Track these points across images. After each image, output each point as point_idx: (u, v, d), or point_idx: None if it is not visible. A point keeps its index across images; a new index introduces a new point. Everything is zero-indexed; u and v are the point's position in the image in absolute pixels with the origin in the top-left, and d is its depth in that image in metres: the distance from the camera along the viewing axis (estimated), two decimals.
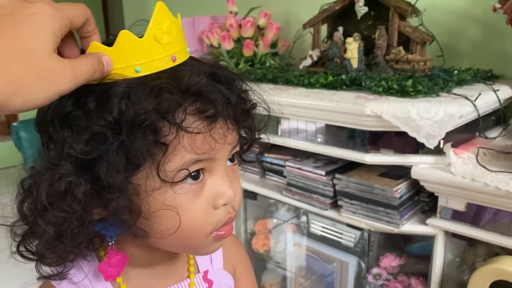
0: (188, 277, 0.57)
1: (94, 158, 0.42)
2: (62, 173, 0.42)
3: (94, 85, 0.43)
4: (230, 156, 0.50)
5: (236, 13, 1.75)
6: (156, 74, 0.43)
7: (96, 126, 0.41)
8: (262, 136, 0.56)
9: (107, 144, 0.41)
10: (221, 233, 0.49)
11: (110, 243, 0.49)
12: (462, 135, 1.10)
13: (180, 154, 0.43)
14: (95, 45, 0.43)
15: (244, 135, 0.53)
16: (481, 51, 1.36)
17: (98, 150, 0.41)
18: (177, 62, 0.45)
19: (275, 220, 1.51)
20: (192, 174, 0.45)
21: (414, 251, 1.27)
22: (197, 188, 0.46)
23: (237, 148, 0.51)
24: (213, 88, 0.44)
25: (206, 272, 0.59)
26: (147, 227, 0.46)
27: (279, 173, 1.31)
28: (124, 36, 0.43)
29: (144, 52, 0.43)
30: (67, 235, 0.44)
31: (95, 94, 0.42)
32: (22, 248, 0.48)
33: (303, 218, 1.35)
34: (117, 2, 3.41)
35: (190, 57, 0.49)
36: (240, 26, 1.69)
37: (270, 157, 1.34)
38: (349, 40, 1.21)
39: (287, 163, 1.24)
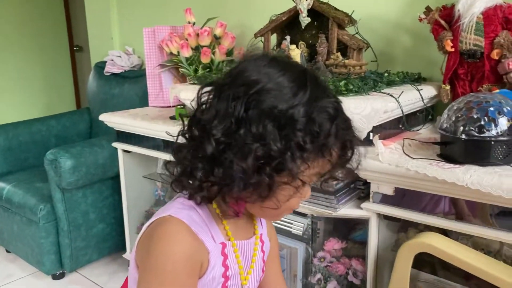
0: (254, 234, 0.82)
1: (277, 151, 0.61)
2: (251, 149, 0.61)
3: None
4: None
5: (194, 23, 1.87)
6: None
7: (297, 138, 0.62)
8: None
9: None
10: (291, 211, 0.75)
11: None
12: (391, 130, 1.25)
13: (312, 172, 0.66)
14: None
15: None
16: (412, 57, 1.53)
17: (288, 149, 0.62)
18: None
19: None
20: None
21: (357, 238, 1.40)
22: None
23: None
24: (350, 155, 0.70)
25: (261, 235, 0.84)
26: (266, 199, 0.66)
27: None
28: None
29: None
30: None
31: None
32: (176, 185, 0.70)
33: None
34: (80, 12, 3.48)
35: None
36: (197, 35, 1.81)
37: None
38: (292, 47, 1.35)
39: None
